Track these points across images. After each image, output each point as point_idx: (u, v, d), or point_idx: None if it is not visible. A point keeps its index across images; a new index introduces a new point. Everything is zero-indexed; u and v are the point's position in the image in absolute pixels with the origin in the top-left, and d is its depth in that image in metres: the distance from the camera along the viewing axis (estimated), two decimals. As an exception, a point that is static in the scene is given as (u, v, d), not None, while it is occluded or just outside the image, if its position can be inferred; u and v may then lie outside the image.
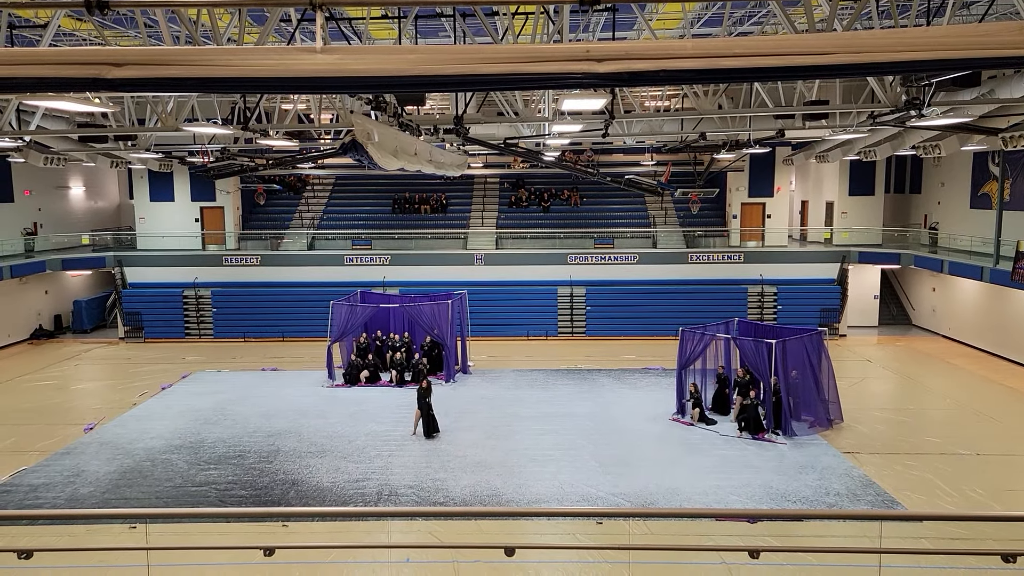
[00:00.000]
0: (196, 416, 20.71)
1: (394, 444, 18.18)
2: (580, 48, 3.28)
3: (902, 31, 3.15)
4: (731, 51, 3.26)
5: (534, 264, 32.44)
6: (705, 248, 33.26)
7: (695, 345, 20.20)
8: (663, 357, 25.72)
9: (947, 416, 20.74)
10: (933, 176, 32.65)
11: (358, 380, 23.77)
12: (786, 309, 31.30)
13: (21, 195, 32.57)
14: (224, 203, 34.90)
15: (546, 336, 31.51)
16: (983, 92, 16.82)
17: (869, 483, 15.59)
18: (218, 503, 14.97)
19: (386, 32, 19.41)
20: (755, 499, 14.94)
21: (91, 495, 15.48)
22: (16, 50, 3.93)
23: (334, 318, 24.34)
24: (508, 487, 15.63)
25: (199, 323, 32.40)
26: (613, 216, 36.39)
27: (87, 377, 26.51)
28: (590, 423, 19.78)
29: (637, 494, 15.19)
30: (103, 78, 3.29)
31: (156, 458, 17.52)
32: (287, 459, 17.37)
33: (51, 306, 33.51)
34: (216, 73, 3.37)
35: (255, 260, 33.06)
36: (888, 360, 27.58)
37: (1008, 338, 26.68)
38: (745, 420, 18.66)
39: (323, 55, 3.36)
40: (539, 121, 19.53)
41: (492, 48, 3.49)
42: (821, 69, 3.34)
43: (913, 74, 13.55)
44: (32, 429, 19.86)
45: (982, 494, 15.16)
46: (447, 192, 37.52)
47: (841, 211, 33.54)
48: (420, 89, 9.85)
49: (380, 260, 32.69)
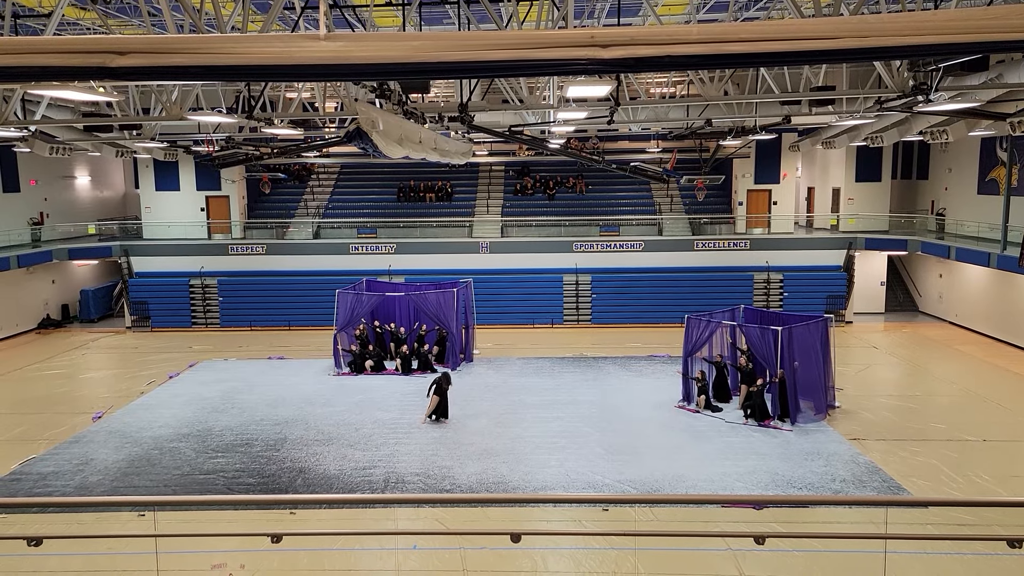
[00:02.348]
0: (203, 405, 20.82)
1: (401, 432, 18.25)
2: (585, 34, 3.26)
3: (910, 15, 3.12)
4: (737, 36, 3.23)
5: (539, 252, 32.40)
6: (711, 235, 33.16)
7: (701, 332, 20.19)
8: (669, 344, 25.72)
9: (953, 402, 20.71)
10: (940, 162, 32.45)
11: (364, 368, 23.84)
12: (792, 296, 31.21)
13: (27, 185, 32.65)
14: (229, 192, 34.94)
15: (551, 324, 31.52)
16: (991, 77, 16.66)
17: (875, 469, 15.60)
18: (226, 491, 15.06)
19: (390, 19, 19.32)
20: (761, 485, 14.95)
21: (100, 483, 15.59)
22: (20, 39, 3.93)
23: (340, 307, 24.40)
24: (514, 474, 15.68)
25: (206, 312, 32.51)
26: (618, 204, 36.31)
27: (95, 366, 26.65)
28: (596, 410, 19.81)
29: (643, 481, 15.22)
30: (107, 67, 3.28)
31: (164, 446, 17.63)
32: (294, 447, 17.46)
33: (58, 296, 33.65)
34: (220, 61, 3.36)
35: (261, 249, 33.12)
36: (894, 347, 27.53)
37: (1015, 324, 26.58)
38: (751, 407, 18.67)
39: (327, 42, 3.35)
40: (544, 108, 19.44)
41: (497, 34, 3.46)
42: (828, 54, 3.31)
43: (921, 59, 13.43)
44: (41, 418, 20.00)
45: (988, 480, 15.16)
46: (452, 180, 37.47)
47: (847, 197, 33.38)
48: (424, 76, 9.81)
49: (385, 248, 32.72)
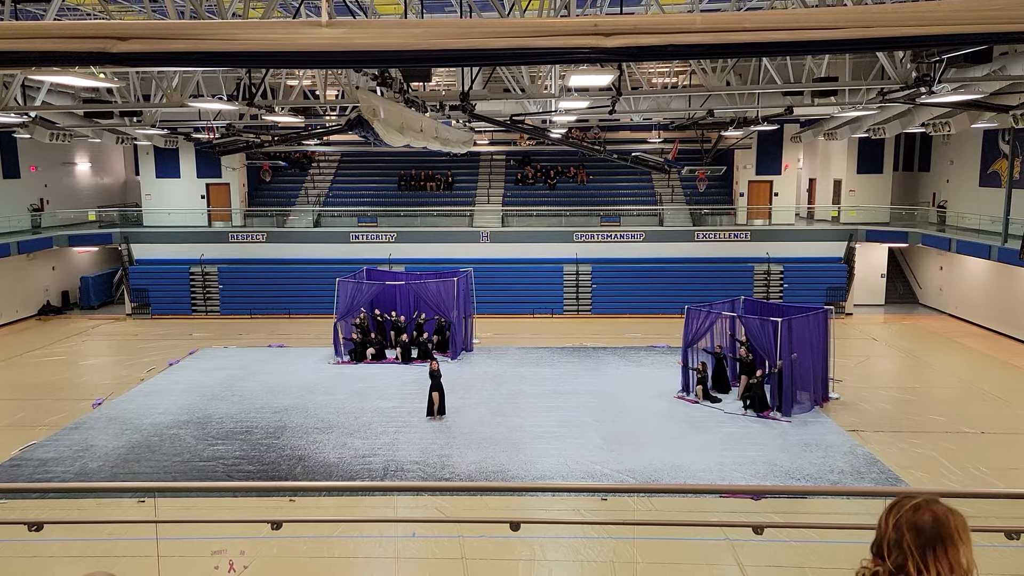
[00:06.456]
0: (203, 392, 20.85)
1: (400, 421, 18.29)
2: (588, 22, 3.24)
3: (914, 5, 3.10)
4: (740, 25, 3.21)
5: (540, 242, 32.36)
6: (712, 226, 33.13)
7: (701, 323, 20.21)
8: (669, 335, 25.73)
9: (952, 395, 20.74)
10: (942, 154, 32.37)
11: (364, 357, 23.87)
12: (792, 287, 31.20)
13: (27, 171, 32.58)
14: (230, 180, 34.86)
15: (552, 314, 31.53)
16: (995, 69, 16.58)
17: (873, 461, 15.64)
18: (225, 478, 15.10)
19: (392, 7, 19.23)
20: (759, 476, 15.00)
21: (100, 469, 15.64)
22: (20, 24, 3.91)
23: (340, 295, 24.40)
24: (513, 463, 15.73)
25: (206, 299, 32.52)
26: (619, 194, 36.25)
27: (95, 353, 26.68)
28: (595, 400, 19.85)
29: (642, 471, 15.27)
30: (107, 52, 3.26)
31: (164, 433, 17.67)
32: (294, 435, 17.50)
33: (58, 282, 33.66)
34: (221, 47, 3.34)
35: (261, 237, 33.10)
36: (894, 339, 27.55)
37: (1015, 317, 26.58)
38: (751, 398, 18.71)
39: (328, 29, 3.33)
40: (546, 97, 19.37)
41: (499, 22, 3.45)
42: (831, 44, 3.29)
43: (924, 49, 13.37)
44: (41, 404, 20.04)
45: (986, 472, 15.20)
46: (453, 169, 37.39)
47: (849, 189, 33.32)
48: (426, 64, 9.76)
49: (386, 237, 32.69)
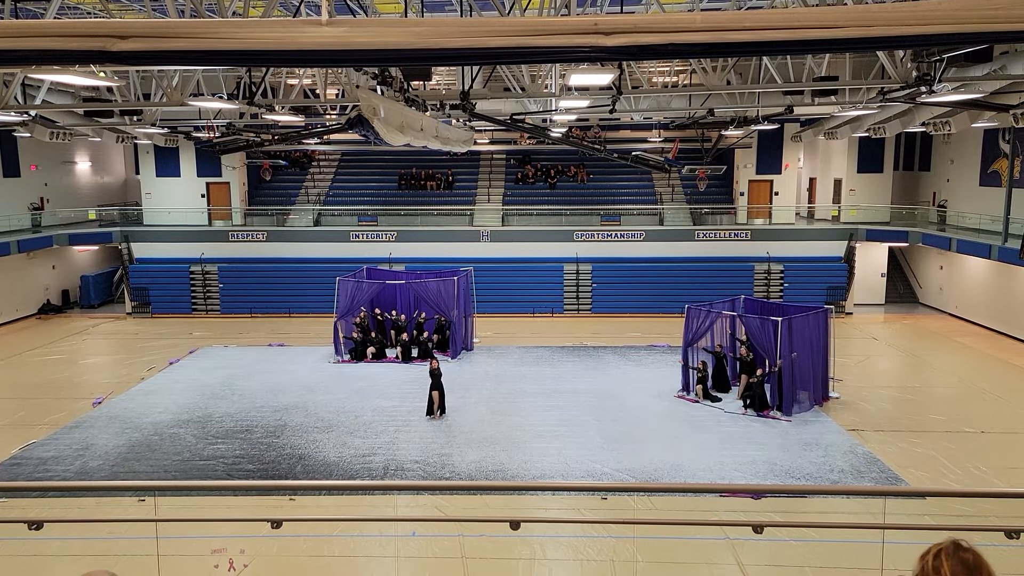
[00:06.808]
0: (204, 391, 20.85)
1: (400, 420, 18.28)
2: (588, 21, 3.24)
3: (915, 4, 3.10)
4: (741, 24, 3.21)
5: (540, 241, 32.36)
6: (712, 225, 33.12)
7: (701, 322, 20.20)
8: (669, 334, 25.74)
9: (952, 394, 20.74)
10: (942, 153, 32.37)
11: (365, 356, 23.86)
12: (792, 287, 31.20)
13: (27, 170, 32.59)
14: (230, 179, 34.87)
15: (552, 313, 31.53)
16: (995, 68, 16.57)
17: (873, 460, 15.64)
18: (225, 476, 15.11)
19: (392, 6, 19.23)
20: (759, 475, 15.00)
21: (100, 468, 15.64)
22: (20, 22, 3.91)
23: (340, 294, 24.40)
24: (513, 462, 15.73)
25: (206, 298, 32.52)
26: (620, 193, 36.24)
27: (95, 352, 26.68)
28: (595, 399, 19.84)
29: (642, 470, 15.27)
30: (108, 51, 3.26)
31: (164, 432, 17.67)
32: (294, 434, 17.50)
33: (58, 281, 33.66)
34: (221, 46, 3.34)
35: (261, 236, 33.09)
36: (894, 338, 27.55)
37: (1015, 317, 26.58)
38: (751, 398, 18.71)
39: (329, 27, 3.33)
40: (546, 97, 19.36)
41: (499, 21, 3.45)
42: (832, 43, 3.28)
43: (925, 48, 13.37)
44: (41, 403, 20.04)
45: (986, 471, 15.20)
46: (453, 168, 37.38)
47: (849, 188, 33.31)
48: (426, 63, 9.74)
49: (386, 236, 32.68)
